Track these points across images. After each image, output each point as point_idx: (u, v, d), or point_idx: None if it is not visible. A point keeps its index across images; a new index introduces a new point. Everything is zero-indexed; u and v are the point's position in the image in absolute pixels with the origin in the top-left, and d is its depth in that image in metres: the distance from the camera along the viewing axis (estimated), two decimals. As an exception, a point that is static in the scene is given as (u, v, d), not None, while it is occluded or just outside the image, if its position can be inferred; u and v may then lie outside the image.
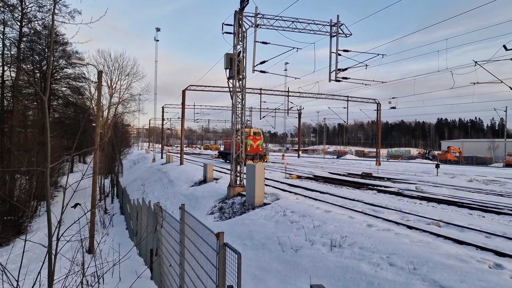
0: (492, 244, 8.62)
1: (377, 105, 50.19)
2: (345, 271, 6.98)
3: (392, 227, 9.74)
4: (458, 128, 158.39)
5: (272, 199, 15.01)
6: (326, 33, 18.26)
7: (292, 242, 9.12)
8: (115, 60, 40.49)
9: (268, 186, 19.36)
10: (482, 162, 71.57)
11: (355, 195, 17.35)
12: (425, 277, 6.07)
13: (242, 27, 16.53)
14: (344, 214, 11.31)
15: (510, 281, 5.61)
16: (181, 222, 6.49)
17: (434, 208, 13.98)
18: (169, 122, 73.98)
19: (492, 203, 15.51)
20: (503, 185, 24.26)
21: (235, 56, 16.48)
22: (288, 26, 17.76)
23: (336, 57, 18.53)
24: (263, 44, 18.14)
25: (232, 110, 17.00)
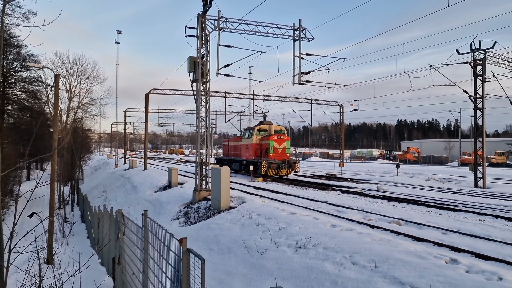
0: (448, 240, 9.01)
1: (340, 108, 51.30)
2: (309, 272, 7.07)
3: (355, 227, 9.97)
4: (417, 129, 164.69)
5: (238, 202, 14.99)
6: (289, 37, 18.50)
7: (258, 244, 9.14)
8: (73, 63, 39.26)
9: (234, 189, 19.31)
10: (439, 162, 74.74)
11: (320, 196, 17.63)
12: (386, 274, 6.25)
13: (205, 30, 16.45)
14: (309, 215, 11.45)
15: (465, 275, 5.87)
16: (144, 229, 6.36)
17: (395, 207, 14.44)
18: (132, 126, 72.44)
19: (448, 200, 16.22)
20: (458, 183, 25.43)
21: (199, 59, 16.37)
22: (252, 30, 17.85)
23: (299, 61, 18.81)
24: (227, 48, 18.13)
25: (197, 114, 16.86)
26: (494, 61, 24.56)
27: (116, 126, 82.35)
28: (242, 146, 29.73)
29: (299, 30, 18.36)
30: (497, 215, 12.32)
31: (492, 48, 23.12)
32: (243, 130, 30.78)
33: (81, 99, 40.57)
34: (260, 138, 27.80)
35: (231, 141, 34.93)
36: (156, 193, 20.88)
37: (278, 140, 26.85)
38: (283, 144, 26.98)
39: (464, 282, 5.52)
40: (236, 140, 32.88)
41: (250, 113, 46.26)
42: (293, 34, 18.45)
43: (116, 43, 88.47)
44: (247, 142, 28.77)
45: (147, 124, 38.02)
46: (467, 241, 9.02)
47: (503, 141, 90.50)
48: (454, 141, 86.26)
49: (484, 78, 23.65)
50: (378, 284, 5.99)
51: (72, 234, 18.99)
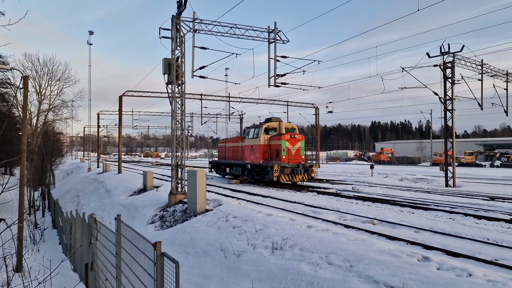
0: (420, 238, 9.22)
1: (316, 110, 51.88)
2: (286, 273, 7.09)
3: (331, 227, 10.07)
4: (390, 130, 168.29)
5: (215, 205, 14.90)
6: (264, 39, 18.58)
7: (235, 247, 9.11)
8: (44, 64, 38.15)
9: (210, 192, 19.20)
10: (411, 162, 76.58)
11: (296, 197, 17.73)
12: (361, 273, 6.33)
13: (180, 32, 16.32)
14: (285, 216, 11.49)
15: (436, 272, 6.02)
16: (117, 234, 6.23)
17: (369, 207, 14.68)
18: (106, 129, 70.98)
19: (420, 200, 16.61)
20: (430, 182, 26.11)
21: (173, 61, 16.21)
22: (227, 32, 17.83)
23: (275, 63, 18.92)
24: (202, 49, 18.03)
25: (172, 116, 16.68)
26: (463, 64, 25.37)
27: (89, 129, 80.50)
28: (246, 147, 25.54)
29: (274, 33, 18.47)
30: (467, 213, 12.70)
31: (460, 51, 23.90)
32: (246, 129, 26.72)
33: (52, 101, 39.46)
34: (269, 138, 23.79)
35: (230, 142, 29.94)
36: (131, 197, 20.51)
37: (292, 140, 22.93)
38: (297, 144, 23.13)
39: (435, 279, 5.66)
40: (236, 140, 28.34)
41: (226, 115, 46.20)
42: (268, 37, 18.54)
43: (88, 44, 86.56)
44: (252, 142, 24.61)
45: (121, 127, 37.37)
46: (438, 239, 9.25)
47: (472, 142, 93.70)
48: (425, 142, 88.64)
49: (453, 81, 24.39)
50: (353, 284, 6.07)
51: (43, 241, 18.42)
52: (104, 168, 39.81)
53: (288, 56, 19.26)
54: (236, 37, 18.13)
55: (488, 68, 27.29)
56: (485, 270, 6.24)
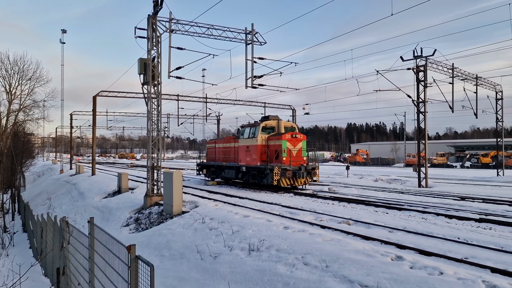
0: (394, 238, 9.40)
1: (293, 111, 52.27)
2: (262, 274, 7.09)
3: (307, 228, 10.14)
4: (366, 132, 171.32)
5: (191, 206, 14.78)
6: (241, 40, 18.58)
7: (211, 249, 9.05)
8: (14, 63, 36.97)
9: (187, 193, 19.04)
10: (386, 163, 78.14)
11: (273, 198, 17.80)
12: (336, 273, 6.40)
13: (156, 32, 16.12)
14: (262, 218, 11.51)
15: (409, 271, 6.15)
16: (90, 237, 6.08)
17: (345, 208, 14.88)
18: (79, 130, 69.38)
19: (394, 200, 16.95)
20: (403, 183, 26.70)
21: (149, 61, 16.00)
22: (204, 33, 17.73)
23: (252, 65, 18.95)
24: (179, 50, 17.90)
25: (148, 117, 16.45)
26: (435, 67, 26.09)
27: (61, 130, 78.48)
28: (240, 148, 23.49)
29: (252, 34, 18.50)
30: (438, 213, 13.05)
31: (432, 55, 24.56)
32: (240, 128, 24.82)
33: (23, 101, 38.26)
34: (267, 138, 21.95)
35: (220, 142, 27.69)
36: (105, 199, 20.10)
37: (293, 140, 21.21)
38: (299, 144, 21.40)
39: (408, 278, 5.78)
40: (228, 141, 26.22)
41: (204, 116, 45.96)
42: (245, 38, 18.55)
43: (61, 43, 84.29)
44: (247, 143, 22.62)
45: (94, 128, 36.60)
46: (411, 238, 9.46)
47: (443, 143, 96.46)
48: (399, 143, 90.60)
49: (426, 84, 25.04)
50: (329, 284, 6.13)
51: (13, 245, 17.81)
52: (77, 170, 38.88)
53: (265, 58, 19.34)
54: (213, 38, 18.06)
55: (458, 72, 28.16)
56: (456, 268, 6.41)
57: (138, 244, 11.30)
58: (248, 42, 18.59)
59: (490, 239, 9.20)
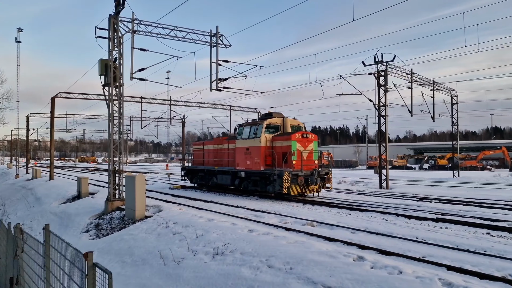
0: (356, 239, 9.60)
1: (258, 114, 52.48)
2: (226, 278, 7.03)
3: (272, 231, 10.17)
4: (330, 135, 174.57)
5: (155, 211, 14.48)
6: (206, 43, 18.46)
7: (175, 254, 8.88)
8: (-35, 62, 34.99)
9: (150, 198, 18.66)
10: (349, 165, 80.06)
11: (238, 201, 17.76)
12: (300, 275, 6.44)
13: (118, 32, 15.72)
14: (227, 221, 11.44)
15: (370, 271, 6.28)
16: (46, 244, 5.81)
17: (309, 209, 15.06)
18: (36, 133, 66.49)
19: (357, 201, 17.34)
20: (365, 185, 27.40)
21: (111, 62, 15.57)
22: (168, 34, 17.47)
23: (217, 67, 18.85)
24: (142, 51, 17.51)
25: (109, 119, 15.99)
26: (395, 72, 27.00)
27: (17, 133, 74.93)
28: (237, 150, 20.64)
29: (216, 37, 18.42)
30: (398, 214, 13.46)
31: (392, 61, 25.42)
32: (237, 127, 21.41)
33: (-26, 102, 36.23)
34: (271, 138, 19.30)
35: (210, 143, 24.96)
36: (64, 205, 19.32)
37: (303, 140, 18.64)
38: (310, 146, 18.89)
39: (369, 277, 5.90)
40: (220, 142, 23.77)
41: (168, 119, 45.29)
42: (210, 40, 18.45)
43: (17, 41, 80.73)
44: (247, 144, 19.88)
45: (53, 130, 35.15)
46: (372, 239, 9.70)
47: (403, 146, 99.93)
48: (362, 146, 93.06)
49: (386, 88, 25.85)
50: (293, 286, 6.15)
51: (-38, 255, 16.77)
52: (34, 174, 37.19)
53: (230, 61, 19.31)
54: (178, 39, 17.84)
55: (417, 77, 29.28)
56: (414, 267, 6.62)
57: (98, 251, 11.00)
58: (213, 44, 18.49)
59: (446, 238, 9.58)
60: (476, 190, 22.91)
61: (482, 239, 9.48)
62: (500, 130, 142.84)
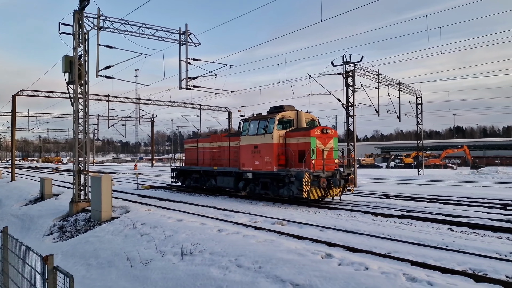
0: (325, 237, 9.74)
1: (229, 113, 52.38)
2: (195, 279, 6.95)
3: (241, 230, 10.15)
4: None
5: (122, 212, 14.16)
6: (175, 41, 18.21)
7: (142, 255, 8.71)
8: None
9: (117, 198, 18.26)
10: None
11: (208, 201, 17.64)
12: (269, 274, 6.46)
13: (82, 28, 15.25)
14: (196, 221, 11.33)
15: (337, 268, 6.38)
16: (3, 248, 5.57)
17: (279, 208, 15.14)
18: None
19: (325, 200, 17.57)
20: (334, 183, 27.80)
21: (75, 59, 15.09)
22: (135, 31, 17.12)
23: (186, 66, 18.64)
24: (108, 48, 17.07)
25: (74, 118, 15.49)
26: (362, 73, 27.60)
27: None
28: (243, 148, 18.15)
29: (186, 35, 18.20)
30: (366, 211, 13.75)
31: (360, 61, 25.98)
32: (242, 122, 18.81)
33: None
34: (285, 134, 16.99)
35: (206, 141, 22.32)
36: (26, 207, 18.58)
37: (323, 136, 16.34)
38: (330, 143, 16.69)
39: (336, 274, 5.99)
40: (218, 139, 21.26)
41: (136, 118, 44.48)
42: (179, 38, 18.21)
43: (-25, 36, 76.79)
44: (256, 141, 17.39)
45: (14, 130, 33.76)
46: (340, 236, 9.86)
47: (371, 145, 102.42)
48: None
49: (354, 89, 26.38)
50: (261, 284, 6.16)
51: None
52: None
53: (200, 59, 19.14)
54: (146, 37, 17.51)
55: (383, 78, 30.04)
56: (380, 263, 6.77)
57: (62, 254, 10.65)
58: (182, 42, 18.26)
59: (411, 234, 9.87)
60: (439, 188, 23.76)
61: (444, 235, 9.83)
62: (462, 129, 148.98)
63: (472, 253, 7.92)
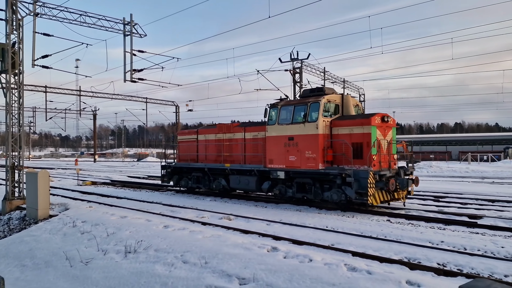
0: (271, 230, 9.88)
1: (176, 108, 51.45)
2: (139, 277, 6.78)
3: (188, 226, 10.06)
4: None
5: (61, 209, 13.47)
6: (119, 31, 17.49)
7: (82, 254, 8.34)
8: None
9: (56, 195, 17.39)
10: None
11: (154, 197, 17.28)
12: (215, 269, 6.45)
13: (17, 14, 14.21)
14: (141, 218, 11.06)
15: (282, 261, 6.50)
16: None
17: (226, 203, 15.16)
18: None
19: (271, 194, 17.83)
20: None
21: (9, 46, 14.04)
22: (76, 19, 16.23)
23: (131, 57, 17.98)
24: (46, 36, 16.07)
25: (7, 110, 14.44)
26: (309, 70, 28.27)
27: None
28: (271, 141, 14.66)
29: (130, 25, 17.55)
30: (311, 205, 14.10)
31: (307, 58, 26.54)
32: (269, 108, 14.94)
33: None
34: (331, 123, 13.72)
35: (211, 132, 18.11)
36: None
37: (383, 126, 13.24)
38: (389, 134, 13.66)
39: (282, 267, 6.11)
40: (229, 130, 17.14)
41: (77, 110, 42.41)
42: (123, 29, 17.52)
43: None
44: (293, 131, 13.97)
45: None
46: (286, 229, 10.06)
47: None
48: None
49: (301, 85, 26.94)
50: (207, 280, 6.13)
51: None
52: None
53: (145, 51, 18.57)
54: (87, 26, 16.66)
55: (329, 75, 30.97)
56: (323, 254, 7.00)
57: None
58: (127, 33, 17.59)
59: (352, 226, 10.29)
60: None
61: (383, 226, 10.35)
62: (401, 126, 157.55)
63: (408, 243, 8.41)
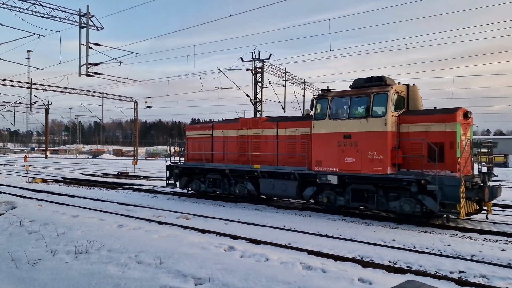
0: (229, 230, 9.85)
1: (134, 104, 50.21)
2: (90, 278, 6.52)
3: (144, 225, 9.83)
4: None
5: (7, 208, 12.77)
6: (74, 22, 16.79)
7: (30, 255, 7.91)
8: None
9: (2, 193, 16.46)
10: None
11: (109, 195, 16.76)
12: (170, 269, 6.33)
13: (-39, -1, 13.30)
14: (94, 217, 10.70)
15: (239, 260, 6.50)
16: None
17: (184, 202, 14.97)
18: None
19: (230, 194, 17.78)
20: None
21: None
22: (27, 8, 15.41)
23: (87, 50, 17.32)
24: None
25: None
26: (270, 70, 28.46)
27: None
28: (319, 139, 12.32)
29: (87, 17, 16.87)
30: (270, 204, 14.19)
31: (268, 59, 26.71)
32: (315, 100, 12.67)
33: None
34: (399, 118, 11.45)
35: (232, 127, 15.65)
36: None
37: (464, 123, 11.08)
38: (468, 133, 11.45)
39: (238, 266, 6.09)
40: (255, 125, 14.85)
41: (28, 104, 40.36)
42: (79, 20, 16.82)
43: None
44: (350, 128, 11.69)
45: None
46: (244, 228, 10.06)
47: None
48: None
49: (262, 85, 27.09)
50: (162, 280, 6.00)
51: None
52: None
53: (102, 45, 17.93)
54: (40, 16, 15.86)
55: (290, 76, 31.33)
56: (280, 253, 7.06)
57: None
58: (83, 25, 16.91)
59: (309, 225, 10.45)
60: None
61: (339, 225, 10.59)
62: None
63: (361, 241, 8.66)
